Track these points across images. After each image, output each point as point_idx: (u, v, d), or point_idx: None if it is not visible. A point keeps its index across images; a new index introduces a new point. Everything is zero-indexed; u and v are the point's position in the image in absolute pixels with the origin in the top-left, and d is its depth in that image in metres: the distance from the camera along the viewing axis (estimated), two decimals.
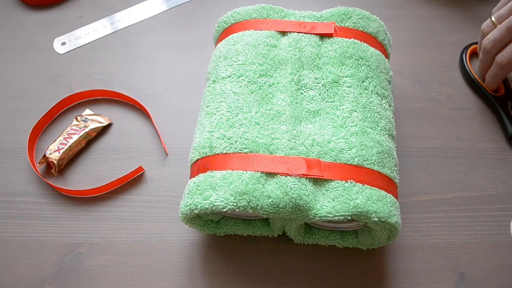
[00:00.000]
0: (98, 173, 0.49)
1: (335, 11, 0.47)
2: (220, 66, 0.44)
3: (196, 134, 0.42)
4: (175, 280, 0.42)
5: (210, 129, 0.40)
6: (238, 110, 0.40)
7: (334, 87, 0.42)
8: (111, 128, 0.53)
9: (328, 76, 0.42)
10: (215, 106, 0.41)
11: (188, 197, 0.38)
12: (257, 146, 0.38)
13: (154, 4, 0.64)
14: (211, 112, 0.41)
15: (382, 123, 0.41)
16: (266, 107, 0.41)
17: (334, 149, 0.38)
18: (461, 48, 0.57)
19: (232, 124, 0.39)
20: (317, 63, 0.43)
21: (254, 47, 0.44)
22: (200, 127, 0.42)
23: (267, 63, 0.43)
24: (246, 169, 0.37)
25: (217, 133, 0.39)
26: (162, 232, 0.45)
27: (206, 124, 0.41)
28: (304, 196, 0.36)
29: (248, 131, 0.39)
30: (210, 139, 0.39)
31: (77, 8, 0.64)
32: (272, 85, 0.42)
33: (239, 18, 0.48)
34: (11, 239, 0.45)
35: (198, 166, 0.39)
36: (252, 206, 0.36)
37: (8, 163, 0.50)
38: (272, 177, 0.37)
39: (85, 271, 0.43)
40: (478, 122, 0.51)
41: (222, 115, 0.40)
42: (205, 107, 0.43)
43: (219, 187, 0.36)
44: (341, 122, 0.40)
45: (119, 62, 0.58)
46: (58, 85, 0.56)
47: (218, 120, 0.40)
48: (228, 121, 0.40)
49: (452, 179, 0.48)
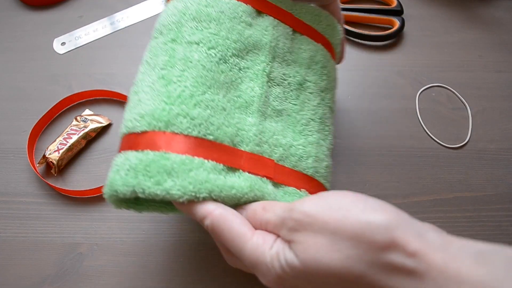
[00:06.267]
0: (98, 173, 0.49)
1: (310, 9, 0.42)
2: (184, 25, 0.37)
3: (143, 96, 0.34)
4: (175, 280, 0.42)
5: (168, 100, 0.33)
6: (205, 89, 0.34)
7: (298, 89, 0.40)
8: (111, 128, 0.53)
9: (296, 75, 0.40)
10: (176, 73, 0.34)
11: (130, 176, 0.31)
12: (223, 134, 0.33)
13: (154, 4, 0.64)
14: (168, 78, 0.34)
15: (330, 138, 0.41)
16: (234, 93, 0.36)
17: (295, 155, 0.37)
18: (461, 47, 0.57)
19: (197, 103, 0.33)
20: (287, 58, 0.40)
21: (230, 18, 0.38)
22: (151, 92, 0.34)
23: (240, 42, 0.37)
24: (209, 158, 0.32)
25: (177, 108, 0.33)
26: (162, 232, 0.45)
27: (161, 92, 0.34)
28: (266, 195, 0.34)
29: (215, 116, 0.34)
30: (168, 113, 0.32)
31: (77, 8, 0.64)
32: (242, 69, 0.37)
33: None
34: (11, 239, 0.45)
35: (145, 140, 0.32)
36: (213, 198, 0.31)
37: (8, 163, 0.50)
38: (234, 171, 0.34)
39: (85, 271, 0.43)
40: (478, 122, 0.51)
41: (185, 87, 0.34)
42: (159, 68, 0.35)
43: (175, 173, 0.31)
44: (300, 129, 0.38)
45: (119, 62, 0.58)
46: (58, 85, 0.56)
47: (180, 93, 0.33)
48: (192, 98, 0.33)
49: (452, 179, 0.48)
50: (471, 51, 0.58)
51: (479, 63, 0.57)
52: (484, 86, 0.54)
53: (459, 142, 0.50)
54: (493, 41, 0.58)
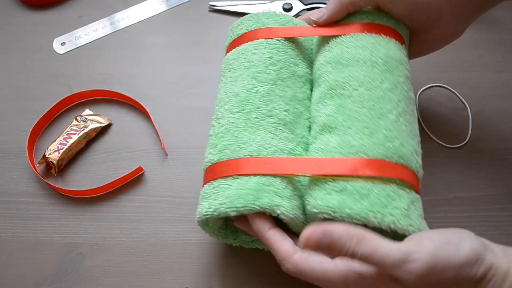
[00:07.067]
0: (98, 173, 0.49)
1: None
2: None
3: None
4: (175, 280, 0.42)
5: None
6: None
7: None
8: (111, 128, 0.53)
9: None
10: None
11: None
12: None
13: (154, 4, 0.64)
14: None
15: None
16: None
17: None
18: (461, 47, 0.57)
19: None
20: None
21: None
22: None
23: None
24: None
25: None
26: (162, 232, 0.45)
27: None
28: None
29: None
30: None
31: (77, 8, 0.64)
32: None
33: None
34: (11, 239, 0.45)
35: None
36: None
37: (8, 163, 0.50)
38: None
39: (85, 271, 0.43)
40: (478, 122, 0.51)
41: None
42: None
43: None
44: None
45: (119, 62, 0.58)
46: (58, 85, 0.56)
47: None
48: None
49: (452, 179, 0.48)
50: (471, 51, 0.58)
51: (479, 63, 0.56)
52: (484, 86, 0.54)
53: (459, 142, 0.50)
54: (493, 41, 0.58)
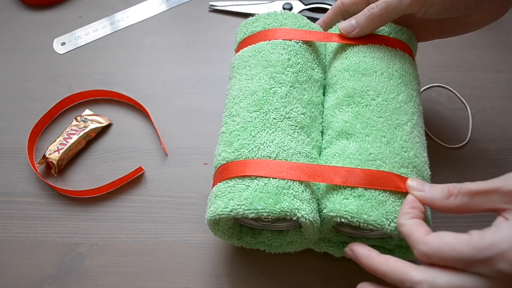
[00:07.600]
0: (98, 173, 0.49)
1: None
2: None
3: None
4: (175, 280, 0.42)
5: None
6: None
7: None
8: (111, 128, 0.53)
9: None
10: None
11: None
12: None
13: (154, 4, 0.64)
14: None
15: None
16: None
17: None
18: (461, 47, 0.57)
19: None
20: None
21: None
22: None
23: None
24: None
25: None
26: (162, 232, 0.45)
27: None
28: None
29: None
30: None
31: (77, 8, 0.64)
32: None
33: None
34: (11, 239, 0.45)
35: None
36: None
37: (8, 163, 0.50)
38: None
39: (85, 271, 0.43)
40: (478, 122, 0.51)
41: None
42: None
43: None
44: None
45: (119, 62, 0.58)
46: (58, 85, 0.56)
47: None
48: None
49: (452, 179, 0.48)
50: (471, 51, 0.58)
51: (479, 63, 0.56)
52: (484, 86, 0.54)
53: (459, 142, 0.50)
54: (492, 41, 0.58)
